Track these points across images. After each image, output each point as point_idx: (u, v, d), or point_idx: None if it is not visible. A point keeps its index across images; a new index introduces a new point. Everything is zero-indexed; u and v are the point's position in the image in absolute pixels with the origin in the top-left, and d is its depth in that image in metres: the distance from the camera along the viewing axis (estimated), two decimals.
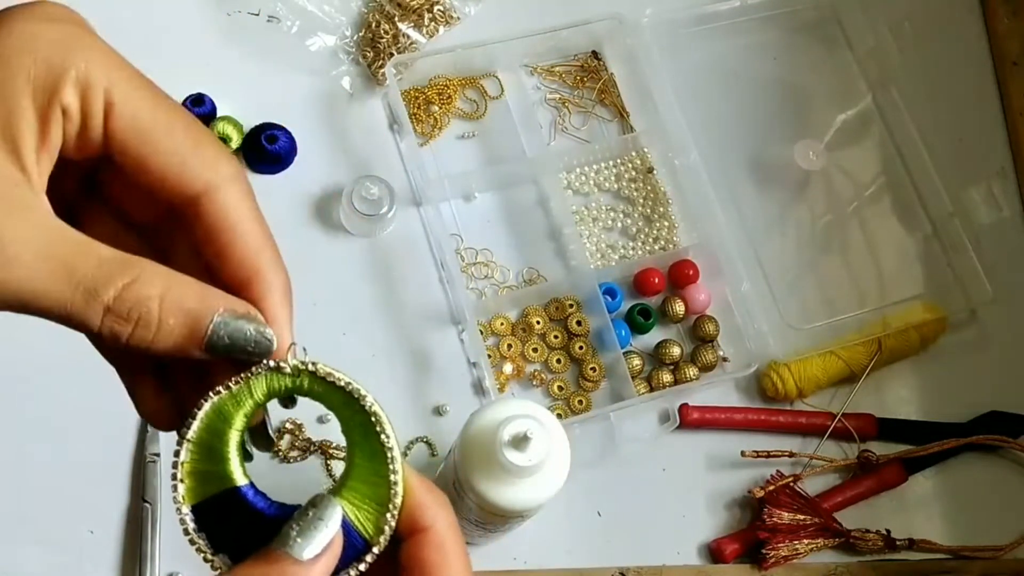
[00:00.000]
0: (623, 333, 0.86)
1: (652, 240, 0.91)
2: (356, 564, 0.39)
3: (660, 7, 0.95)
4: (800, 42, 1.01)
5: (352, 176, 0.86)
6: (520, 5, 0.96)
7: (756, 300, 0.88)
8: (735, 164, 0.94)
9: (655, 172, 0.93)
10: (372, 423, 0.39)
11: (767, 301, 0.88)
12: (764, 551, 0.82)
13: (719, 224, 0.89)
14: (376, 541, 0.39)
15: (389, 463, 0.39)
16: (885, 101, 0.99)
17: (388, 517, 0.39)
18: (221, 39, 0.90)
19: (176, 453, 0.39)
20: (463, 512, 0.68)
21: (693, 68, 0.96)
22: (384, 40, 0.90)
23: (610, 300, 0.86)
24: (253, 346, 0.38)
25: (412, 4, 0.91)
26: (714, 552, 0.84)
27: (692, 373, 0.86)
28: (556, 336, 0.87)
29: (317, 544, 0.37)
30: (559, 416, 0.83)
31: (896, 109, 0.97)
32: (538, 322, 0.86)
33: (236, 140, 0.86)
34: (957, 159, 0.99)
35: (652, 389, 0.86)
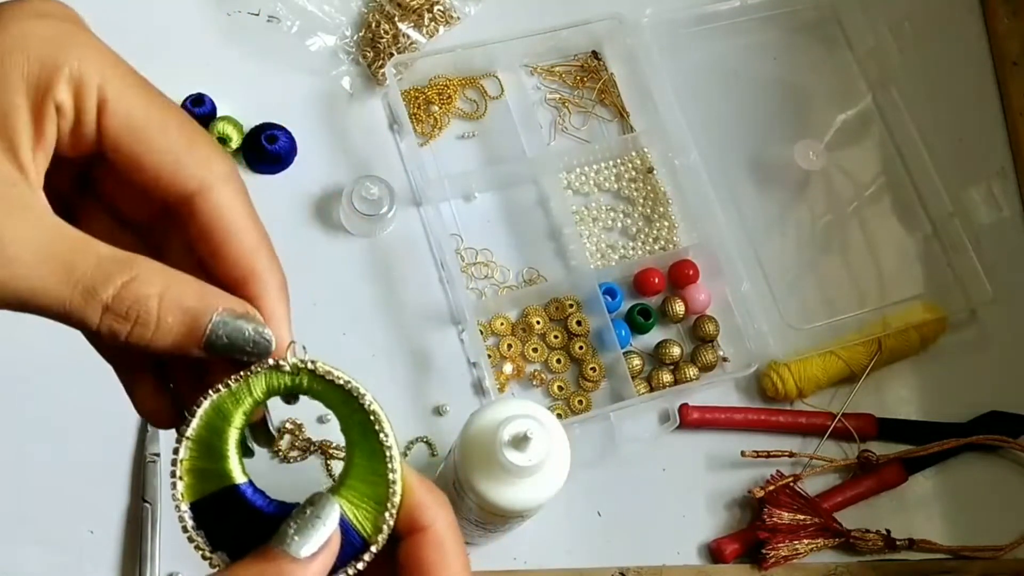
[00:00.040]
0: (623, 333, 0.86)
1: (652, 240, 0.91)
2: (354, 563, 0.39)
3: (660, 7, 0.95)
4: (800, 42, 1.01)
5: (352, 176, 0.86)
6: (520, 5, 0.96)
7: (756, 300, 0.88)
8: (735, 164, 0.94)
9: (655, 172, 0.93)
10: (371, 422, 0.40)
11: (767, 301, 0.88)
12: (764, 551, 0.82)
13: (719, 224, 0.89)
14: (374, 540, 0.39)
15: (388, 462, 0.39)
16: (885, 101, 0.99)
17: (386, 516, 0.39)
18: (221, 39, 0.90)
19: (175, 451, 0.39)
20: (463, 512, 0.68)
21: (693, 68, 0.96)
22: (384, 40, 0.90)
23: (610, 300, 0.86)
24: (252, 346, 0.38)
25: (412, 4, 0.91)
26: (714, 552, 0.84)
27: (692, 373, 0.86)
28: (556, 336, 0.87)
29: (315, 542, 0.37)
30: (559, 416, 0.83)
31: (896, 109, 0.97)
32: (538, 322, 0.86)
33: (236, 140, 0.86)
34: (957, 159, 0.99)
35: (652, 389, 0.86)
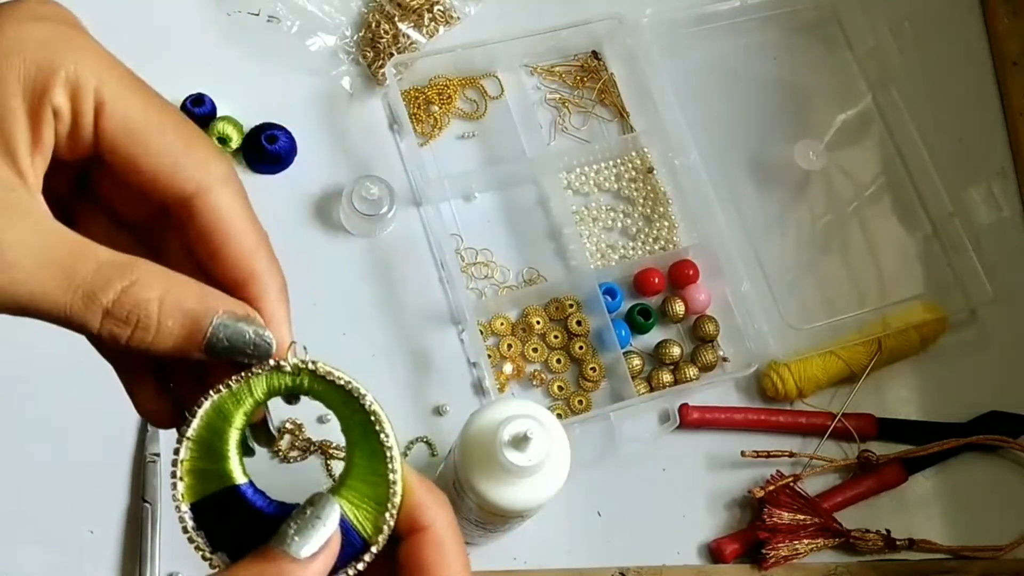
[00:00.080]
0: (623, 333, 0.86)
1: (652, 240, 0.91)
2: (354, 563, 0.39)
3: (660, 7, 0.95)
4: (800, 42, 1.01)
5: (352, 176, 0.86)
6: (520, 5, 0.96)
7: (756, 300, 0.88)
8: (735, 164, 0.94)
9: (655, 172, 0.93)
10: (371, 422, 0.39)
11: (767, 301, 0.88)
12: (764, 551, 0.82)
13: (719, 224, 0.89)
14: (374, 540, 0.39)
15: (388, 462, 0.39)
16: (885, 101, 0.99)
17: (387, 516, 0.39)
18: (221, 39, 0.90)
19: (176, 451, 0.39)
20: (463, 512, 0.68)
21: (693, 68, 0.96)
22: (384, 40, 0.90)
23: (610, 300, 0.86)
24: (252, 348, 0.38)
25: (412, 4, 0.91)
26: (714, 552, 0.84)
27: (692, 373, 0.86)
28: (556, 336, 0.87)
29: (315, 543, 0.37)
30: (559, 416, 0.83)
31: (896, 109, 0.97)
32: (538, 322, 0.86)
33: (236, 140, 0.86)
34: (957, 159, 0.99)
35: (652, 389, 0.86)
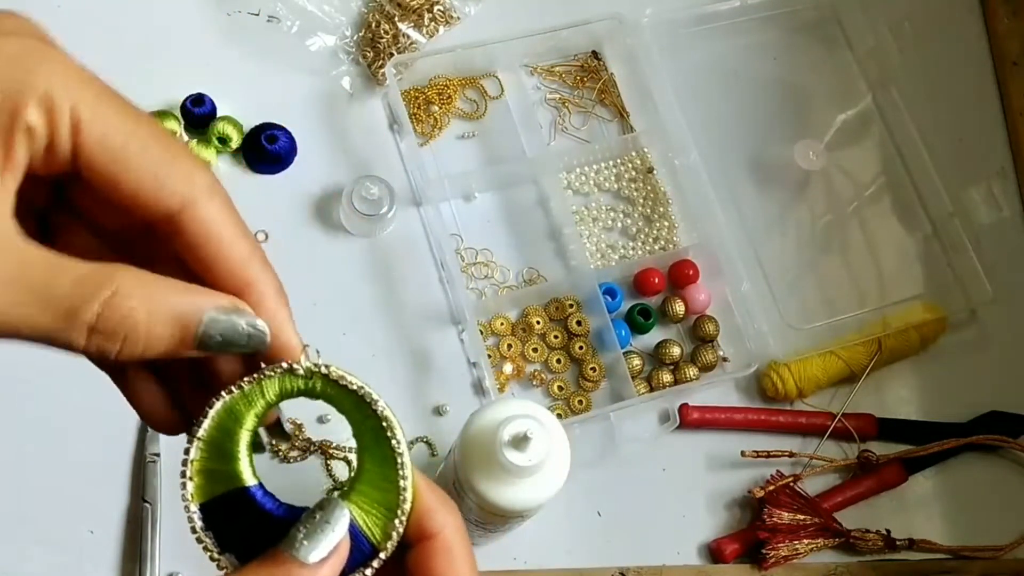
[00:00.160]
0: (623, 333, 0.86)
1: (652, 240, 0.91)
2: (362, 569, 0.39)
3: (660, 7, 0.94)
4: (800, 42, 1.01)
5: (352, 176, 0.86)
6: (520, 5, 0.96)
7: (756, 300, 0.88)
8: (735, 164, 0.94)
9: (655, 172, 0.93)
10: (383, 428, 0.39)
11: (767, 301, 0.88)
12: (764, 551, 0.82)
13: (719, 224, 0.89)
14: (383, 547, 0.39)
15: (399, 469, 0.39)
16: (885, 101, 0.99)
17: (396, 523, 0.39)
18: (221, 39, 0.90)
19: (186, 451, 0.38)
20: (463, 512, 0.68)
21: (693, 68, 0.96)
22: (384, 40, 0.90)
23: (610, 300, 0.86)
24: (247, 340, 0.37)
25: (412, 4, 0.91)
26: (714, 552, 0.84)
27: (692, 373, 0.86)
28: (556, 336, 0.87)
29: (323, 548, 0.37)
30: (559, 416, 0.83)
31: (896, 109, 0.97)
32: (538, 322, 0.86)
33: (236, 140, 0.86)
34: (957, 159, 0.99)
35: (652, 389, 0.86)
